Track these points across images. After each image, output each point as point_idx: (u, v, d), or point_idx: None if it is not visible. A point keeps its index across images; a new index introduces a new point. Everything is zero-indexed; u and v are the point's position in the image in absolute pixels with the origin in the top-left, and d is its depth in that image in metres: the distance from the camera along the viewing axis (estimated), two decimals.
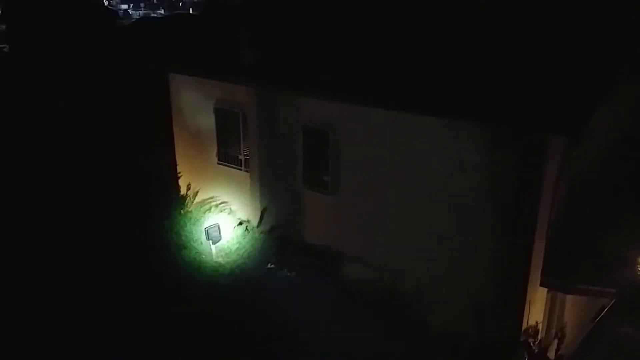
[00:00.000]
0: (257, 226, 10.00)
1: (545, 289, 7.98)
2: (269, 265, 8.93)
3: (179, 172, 11.13)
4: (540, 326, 7.99)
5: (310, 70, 9.10)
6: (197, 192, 10.67)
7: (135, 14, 43.60)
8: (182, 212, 10.06)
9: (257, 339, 6.78)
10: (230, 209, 10.55)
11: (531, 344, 7.72)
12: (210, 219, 9.82)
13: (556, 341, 8.18)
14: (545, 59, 7.58)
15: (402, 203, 8.44)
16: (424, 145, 8.04)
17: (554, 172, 7.31)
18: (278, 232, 9.88)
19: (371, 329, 7.64)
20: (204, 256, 9.20)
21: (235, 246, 9.52)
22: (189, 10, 41.90)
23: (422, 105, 7.71)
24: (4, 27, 19.69)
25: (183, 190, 10.76)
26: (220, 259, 9.16)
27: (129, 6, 47.40)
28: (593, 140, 7.98)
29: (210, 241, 9.24)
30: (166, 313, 6.60)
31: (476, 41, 8.34)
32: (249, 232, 9.85)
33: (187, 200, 10.49)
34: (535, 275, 7.61)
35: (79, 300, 6.64)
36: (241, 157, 10.26)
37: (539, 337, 7.91)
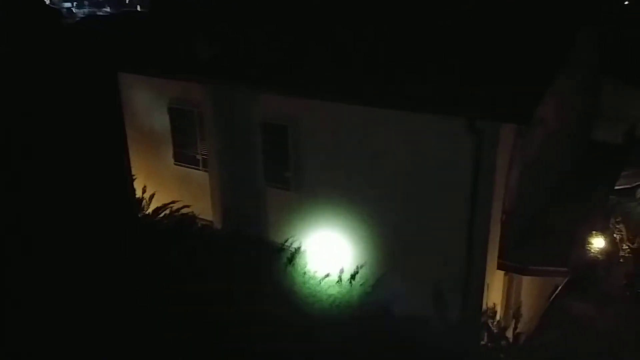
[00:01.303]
0: (220, 227, 9.89)
1: (502, 272, 8.27)
2: None
3: (134, 175, 10.83)
4: (498, 307, 8.28)
5: (266, 65, 9.05)
6: (153, 195, 10.43)
7: (80, 13, 42.02)
8: (139, 215, 9.80)
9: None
10: (192, 210, 10.39)
11: (490, 325, 7.99)
12: (170, 222, 9.62)
13: (514, 321, 8.49)
14: (495, 50, 7.81)
15: (364, 195, 8.54)
16: (383, 137, 8.15)
17: (506, 158, 7.57)
18: (241, 230, 9.80)
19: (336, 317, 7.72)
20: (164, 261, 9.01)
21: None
22: (137, 8, 40.70)
23: (380, 98, 7.81)
24: None
25: (138, 194, 10.49)
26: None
27: (72, 4, 45.55)
28: (542, 126, 8.29)
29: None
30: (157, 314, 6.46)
31: (430, 33, 8.50)
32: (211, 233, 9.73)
33: (143, 204, 10.23)
34: (492, 259, 7.87)
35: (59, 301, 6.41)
36: (199, 156, 10.11)
37: (498, 318, 8.20)
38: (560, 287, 11.03)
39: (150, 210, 10.29)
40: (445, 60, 7.91)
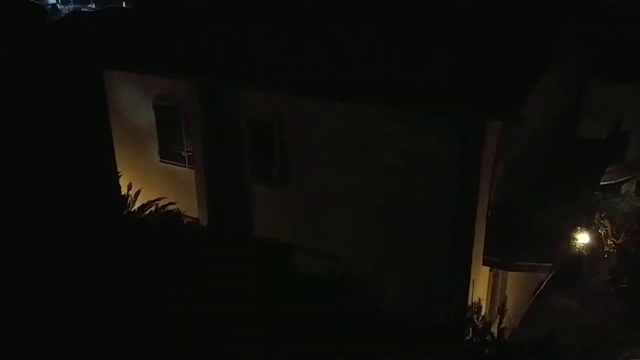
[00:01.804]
0: (206, 224, 9.83)
1: (488, 267, 8.32)
2: None
3: (119, 172, 10.73)
4: (483, 303, 8.33)
5: (251, 62, 9.00)
6: (139, 192, 10.35)
7: (65, 9, 41.48)
8: (124, 212, 9.71)
9: None
10: (177, 207, 10.31)
11: (475, 320, 8.03)
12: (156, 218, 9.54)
13: (499, 316, 8.55)
14: (481, 47, 7.83)
15: (351, 192, 8.54)
16: (369, 134, 8.15)
17: (492, 154, 7.61)
18: (227, 227, 9.76)
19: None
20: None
21: None
22: (122, 4, 40.28)
23: (365, 94, 7.80)
24: None
25: (124, 190, 10.39)
26: None
27: (57, 0, 45.00)
28: (528, 122, 8.34)
29: None
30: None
31: (418, 31, 8.51)
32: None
33: (128, 200, 10.14)
34: (478, 254, 7.91)
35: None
36: (184, 153, 10.05)
37: (483, 313, 8.24)
38: (545, 283, 11.12)
39: (135, 207, 10.20)
40: (432, 57, 7.93)
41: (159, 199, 10.11)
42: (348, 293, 7.94)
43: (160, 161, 10.40)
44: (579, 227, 10.94)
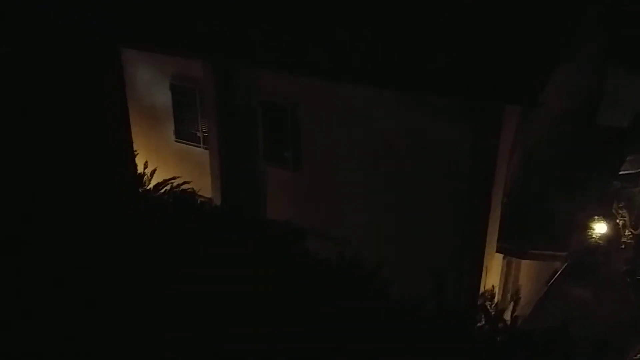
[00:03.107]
0: (220, 204, 9.88)
1: (501, 255, 8.26)
2: None
3: (135, 150, 10.80)
4: (496, 290, 8.28)
5: (266, 43, 8.93)
6: (154, 171, 10.42)
7: None
8: (140, 190, 9.80)
9: None
10: (192, 187, 10.37)
11: (488, 307, 7.99)
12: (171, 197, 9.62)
13: (511, 304, 8.50)
14: (499, 28, 7.67)
15: (363, 176, 8.51)
16: (383, 119, 8.08)
17: (509, 140, 7.50)
18: (240, 208, 9.79)
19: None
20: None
21: None
22: None
23: (380, 79, 7.71)
24: None
25: (140, 169, 10.47)
26: None
27: None
28: (546, 109, 8.19)
29: None
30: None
31: (433, 12, 8.35)
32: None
33: (144, 179, 10.22)
34: (492, 241, 7.85)
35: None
36: (199, 133, 10.08)
37: (495, 300, 8.20)
38: (559, 272, 11.03)
39: (151, 186, 10.27)
40: (449, 40, 7.79)
41: (174, 178, 10.18)
42: (356, 283, 7.87)
43: (176, 141, 10.46)
44: (595, 217, 10.79)
